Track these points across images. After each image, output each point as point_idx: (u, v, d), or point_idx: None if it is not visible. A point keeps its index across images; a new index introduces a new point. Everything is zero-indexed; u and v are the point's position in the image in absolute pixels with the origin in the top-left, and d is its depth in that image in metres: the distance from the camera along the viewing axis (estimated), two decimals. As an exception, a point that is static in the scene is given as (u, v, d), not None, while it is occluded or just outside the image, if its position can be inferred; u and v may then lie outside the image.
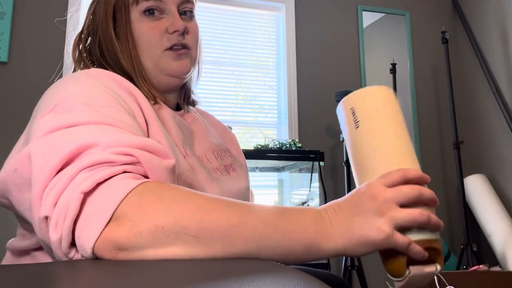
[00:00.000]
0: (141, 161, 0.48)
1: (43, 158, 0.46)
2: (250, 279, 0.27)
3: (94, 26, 0.73)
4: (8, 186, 0.50)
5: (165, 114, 0.69)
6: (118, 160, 0.46)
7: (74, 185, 0.43)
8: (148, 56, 0.70)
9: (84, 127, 0.50)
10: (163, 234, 0.41)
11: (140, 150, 0.48)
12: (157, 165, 0.49)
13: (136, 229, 0.41)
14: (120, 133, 0.50)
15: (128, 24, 0.70)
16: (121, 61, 0.69)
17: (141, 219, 0.41)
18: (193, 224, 0.42)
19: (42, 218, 0.43)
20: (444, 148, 3.00)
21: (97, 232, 0.41)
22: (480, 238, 2.79)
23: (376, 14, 3.06)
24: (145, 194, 0.43)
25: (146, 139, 0.50)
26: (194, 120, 0.79)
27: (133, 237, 0.41)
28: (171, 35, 0.70)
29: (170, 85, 0.73)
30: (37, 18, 2.40)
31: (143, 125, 0.60)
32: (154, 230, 0.41)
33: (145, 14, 0.70)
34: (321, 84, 2.82)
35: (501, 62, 2.77)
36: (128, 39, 0.70)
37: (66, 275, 0.37)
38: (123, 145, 0.47)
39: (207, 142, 0.77)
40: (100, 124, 0.51)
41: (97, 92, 0.56)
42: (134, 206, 0.42)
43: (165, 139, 0.61)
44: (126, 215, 0.42)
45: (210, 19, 2.74)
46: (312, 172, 2.31)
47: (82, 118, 0.51)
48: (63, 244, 0.42)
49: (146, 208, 0.42)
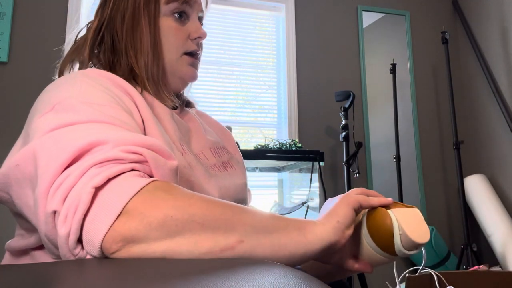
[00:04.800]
0: (148, 160, 0.48)
1: (49, 155, 0.46)
2: (250, 278, 0.27)
3: (111, 19, 0.71)
4: (9, 180, 0.51)
5: (163, 112, 0.69)
6: (127, 158, 0.46)
7: (85, 180, 0.43)
8: (167, 57, 0.71)
9: (87, 125, 0.50)
10: (172, 223, 0.42)
11: (147, 149, 0.49)
12: (163, 165, 0.50)
13: (146, 220, 0.42)
14: (126, 132, 0.50)
15: (157, 20, 0.70)
16: (138, 58, 0.69)
17: (151, 211, 0.43)
18: (200, 212, 0.44)
19: (49, 213, 0.43)
20: (444, 148, 3.00)
21: (107, 225, 0.42)
22: (480, 238, 2.79)
23: (376, 14, 3.06)
24: (155, 191, 0.45)
25: (151, 138, 0.51)
26: (191, 118, 0.80)
27: (143, 228, 0.42)
28: (193, 40, 0.73)
29: (176, 87, 0.75)
30: (37, 18, 2.40)
31: (140, 124, 0.60)
32: (164, 219, 0.42)
33: (174, 16, 0.72)
34: (321, 84, 2.82)
35: (501, 62, 2.77)
36: (157, 34, 0.70)
37: (67, 275, 0.37)
38: (131, 144, 0.48)
39: (204, 139, 0.77)
40: (102, 123, 0.51)
41: (96, 92, 0.56)
42: (144, 201, 0.43)
43: (161, 137, 0.62)
44: (137, 208, 0.42)
45: (210, 19, 2.74)
46: (312, 172, 2.31)
47: (84, 117, 0.51)
48: (71, 238, 0.43)
49: (156, 202, 0.43)
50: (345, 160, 2.36)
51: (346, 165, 2.36)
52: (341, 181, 2.69)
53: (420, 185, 2.88)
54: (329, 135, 2.75)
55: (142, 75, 0.69)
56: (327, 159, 2.69)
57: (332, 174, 2.71)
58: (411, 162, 2.90)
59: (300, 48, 2.83)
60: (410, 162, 2.90)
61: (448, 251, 2.66)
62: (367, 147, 2.82)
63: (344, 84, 2.84)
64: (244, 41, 2.80)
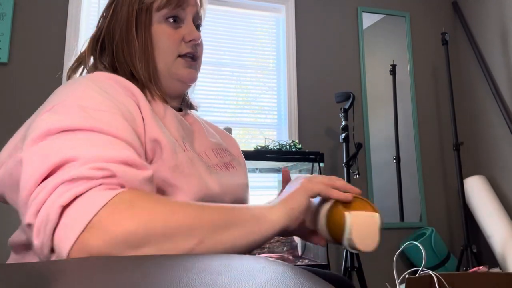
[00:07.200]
0: (117, 175, 0.51)
1: (31, 166, 0.50)
2: (249, 276, 0.27)
3: (111, 28, 0.76)
4: (4, 187, 0.57)
5: (168, 113, 0.72)
6: (95, 175, 0.49)
7: (54, 197, 0.47)
8: (162, 60, 0.75)
9: (72, 134, 0.54)
10: (134, 238, 0.47)
11: (116, 164, 0.52)
12: (133, 177, 0.53)
13: (108, 236, 0.46)
14: (102, 146, 0.53)
15: (149, 27, 0.74)
16: (135, 63, 0.73)
17: (113, 227, 0.46)
18: (161, 221, 0.49)
19: (26, 224, 0.48)
20: (444, 149, 3.00)
21: (72, 240, 0.46)
22: (480, 239, 2.79)
23: (376, 16, 3.06)
24: (118, 204, 0.48)
25: (125, 152, 0.54)
26: (194, 121, 0.83)
27: (105, 244, 0.46)
28: (187, 43, 0.76)
29: (177, 89, 0.78)
30: (37, 19, 2.40)
31: (139, 123, 0.62)
32: (125, 236, 0.46)
33: (168, 20, 0.75)
34: (321, 85, 2.82)
35: (501, 63, 2.77)
36: (148, 41, 0.74)
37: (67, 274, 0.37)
38: (101, 160, 0.51)
39: (207, 141, 0.80)
40: (88, 131, 0.54)
41: (94, 96, 0.60)
42: (107, 216, 0.47)
43: (162, 134, 0.64)
44: (100, 224, 0.46)
45: (210, 20, 2.75)
46: (312, 173, 2.31)
47: (74, 123, 0.54)
48: (44, 249, 0.47)
49: (118, 217, 0.47)
50: (345, 161, 2.36)
51: (346, 166, 2.36)
52: (341, 182, 2.69)
53: (420, 186, 2.88)
54: (329, 136, 2.75)
55: (140, 79, 0.73)
56: (327, 160, 2.69)
57: (332, 175, 2.70)
58: (411, 163, 2.90)
59: (300, 49, 2.83)
60: (410, 163, 2.90)
61: (448, 252, 2.66)
62: (367, 148, 2.82)
63: (344, 85, 2.85)
64: (244, 42, 2.81)
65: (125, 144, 0.56)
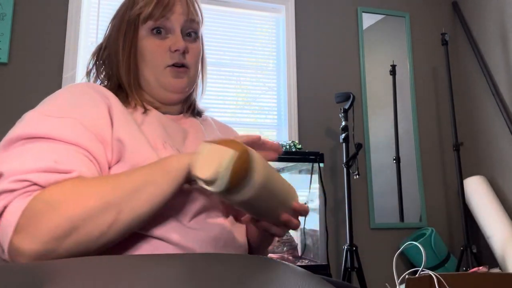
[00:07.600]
0: (37, 182, 0.56)
1: None
2: (250, 276, 0.27)
3: (109, 42, 0.82)
4: None
5: (148, 119, 0.75)
6: (17, 187, 0.55)
7: None
8: (151, 71, 0.78)
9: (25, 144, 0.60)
10: (59, 231, 0.52)
11: (38, 173, 0.56)
12: (55, 180, 0.57)
13: (33, 236, 0.52)
14: (31, 158, 0.58)
15: (134, 40, 0.78)
16: (122, 74, 0.78)
17: (37, 227, 0.52)
18: (79, 210, 0.54)
19: None
20: (444, 149, 3.00)
21: (7, 246, 0.53)
22: (480, 239, 2.79)
23: (376, 16, 3.06)
24: (36, 205, 0.54)
25: (46, 162, 0.58)
26: (192, 124, 0.85)
27: (34, 244, 0.52)
28: (173, 53, 0.78)
29: (168, 99, 0.81)
30: (37, 19, 2.40)
31: (105, 126, 0.67)
32: (51, 231, 0.52)
33: (153, 32, 0.78)
34: (321, 86, 2.82)
35: (501, 63, 2.77)
36: (131, 53, 0.78)
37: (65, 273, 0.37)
38: (23, 172, 0.56)
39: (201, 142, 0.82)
40: (42, 139, 0.60)
41: (63, 105, 0.65)
42: (29, 219, 0.53)
43: (128, 134, 0.67)
44: (24, 228, 0.52)
45: (210, 20, 2.75)
46: (312, 174, 2.31)
47: (32, 129, 0.61)
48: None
49: (38, 218, 0.53)
50: (345, 162, 2.36)
51: (346, 166, 2.36)
52: (341, 183, 2.69)
53: (420, 187, 2.88)
54: (329, 137, 2.75)
55: (125, 89, 0.79)
56: (327, 161, 2.69)
57: (332, 175, 2.71)
58: (411, 164, 2.90)
59: (300, 49, 2.83)
60: (410, 163, 2.90)
61: (448, 253, 2.66)
62: (367, 148, 2.81)
63: (344, 85, 2.85)
64: (244, 42, 2.81)
65: (75, 149, 0.61)
